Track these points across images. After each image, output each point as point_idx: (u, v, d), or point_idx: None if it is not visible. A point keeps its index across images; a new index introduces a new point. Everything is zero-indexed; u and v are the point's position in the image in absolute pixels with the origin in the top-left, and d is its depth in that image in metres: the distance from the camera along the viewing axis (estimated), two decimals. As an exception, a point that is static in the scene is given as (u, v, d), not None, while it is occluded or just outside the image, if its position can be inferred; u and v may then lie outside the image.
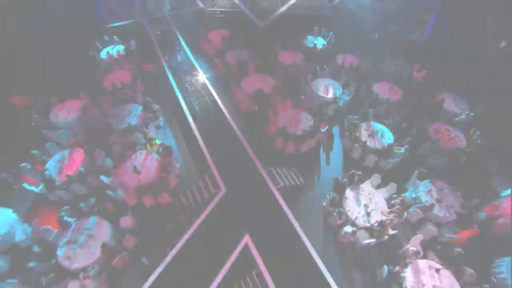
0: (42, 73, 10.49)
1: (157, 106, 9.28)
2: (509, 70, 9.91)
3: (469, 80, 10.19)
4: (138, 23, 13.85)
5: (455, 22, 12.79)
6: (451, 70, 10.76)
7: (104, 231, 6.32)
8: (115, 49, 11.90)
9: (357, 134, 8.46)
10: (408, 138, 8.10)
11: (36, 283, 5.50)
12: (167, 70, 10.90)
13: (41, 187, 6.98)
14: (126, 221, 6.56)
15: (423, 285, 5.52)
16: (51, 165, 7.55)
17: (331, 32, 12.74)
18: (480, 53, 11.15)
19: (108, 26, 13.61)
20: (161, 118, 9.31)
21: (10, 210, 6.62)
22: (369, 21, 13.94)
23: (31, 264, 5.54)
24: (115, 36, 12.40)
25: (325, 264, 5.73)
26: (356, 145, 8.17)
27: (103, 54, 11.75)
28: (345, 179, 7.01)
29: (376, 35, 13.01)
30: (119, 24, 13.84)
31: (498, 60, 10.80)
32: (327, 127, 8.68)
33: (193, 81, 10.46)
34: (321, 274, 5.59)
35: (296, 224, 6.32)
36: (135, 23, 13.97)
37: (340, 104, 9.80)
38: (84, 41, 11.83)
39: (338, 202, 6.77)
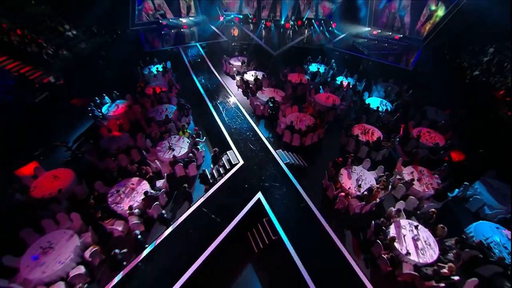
0: (101, 82, 13.35)
1: (189, 105, 11.46)
2: (479, 91, 11.97)
3: (447, 96, 12.14)
4: (174, 50, 17.00)
5: (436, 56, 15.41)
6: (432, 90, 12.82)
7: (144, 188, 7.88)
8: (155, 67, 14.76)
9: (352, 132, 10.18)
10: (394, 135, 9.76)
11: (92, 217, 7.00)
12: (197, 83, 13.35)
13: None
14: (161, 183, 8.17)
15: (404, 235, 6.67)
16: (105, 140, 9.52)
17: (333, 60, 15.38)
18: (456, 78, 13.36)
19: (150, 51, 16.81)
20: (191, 115, 11.45)
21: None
22: (366, 53, 16.73)
23: (90, 201, 7.12)
24: (155, 58, 15.42)
25: (323, 216, 7.00)
26: (350, 139, 9.86)
27: (145, 71, 14.59)
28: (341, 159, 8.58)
29: (370, 63, 15.54)
30: (159, 49, 17.08)
31: (472, 84, 12.90)
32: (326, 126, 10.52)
33: (218, 91, 12.77)
34: (319, 221, 6.84)
35: (300, 189, 7.72)
36: (172, 49, 17.17)
37: (338, 112, 11.77)
38: (132, 61, 14.76)
39: (334, 176, 8.23)
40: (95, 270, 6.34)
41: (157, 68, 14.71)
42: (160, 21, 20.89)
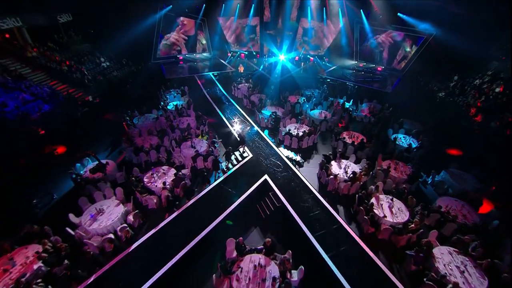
0: (128, 101, 15.93)
1: (206, 117, 13.84)
2: (446, 108, 14.49)
3: (421, 112, 14.61)
4: (191, 77, 20.11)
5: (412, 82, 18.35)
6: (409, 107, 15.34)
7: (172, 173, 9.77)
8: (174, 91, 17.58)
9: (340, 137, 12.34)
10: (374, 139, 11.90)
11: (132, 192, 8.80)
12: (211, 102, 15.97)
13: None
14: (185, 171, 10.07)
15: (381, 204, 8.36)
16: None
17: (325, 85, 18.27)
18: (428, 99, 16.01)
19: (170, 78, 19.90)
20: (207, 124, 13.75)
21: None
22: (354, 81, 19.77)
23: (131, 178, 8.99)
24: (174, 84, 18.38)
25: (318, 191, 8.77)
26: (339, 141, 11.97)
27: (167, 93, 17.37)
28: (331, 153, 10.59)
29: (356, 87, 18.41)
30: (177, 77, 20.20)
31: (441, 103, 15.48)
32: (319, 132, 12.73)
33: (229, 108, 15.29)
34: (316, 196, 8.59)
35: (300, 174, 9.59)
36: (188, 77, 20.29)
37: (329, 123, 14.10)
38: (155, 85, 17.66)
39: (325, 165, 10.16)
40: (136, 229, 7.98)
41: (177, 91, 17.54)
42: (177, 55, 24.56)
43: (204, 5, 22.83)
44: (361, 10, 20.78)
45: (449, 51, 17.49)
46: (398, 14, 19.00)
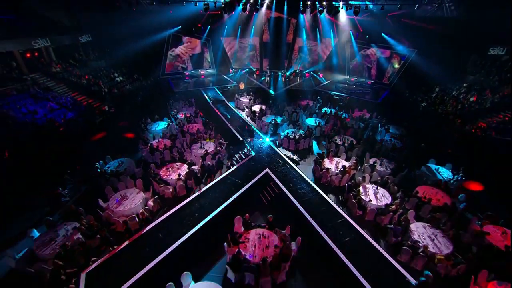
0: (139, 111, 17.54)
1: (212, 123, 15.38)
2: (428, 116, 16.19)
3: (405, 119, 16.26)
4: (197, 90, 21.92)
5: (399, 94, 20.22)
6: (395, 115, 17.01)
7: (184, 168, 11.10)
8: (182, 102, 19.30)
9: (333, 140, 13.83)
10: (363, 141, 13.40)
11: (151, 183, 10.09)
12: (217, 111, 17.61)
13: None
14: (196, 167, 11.42)
15: (367, 191, 9.66)
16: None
17: (318, 97, 20.08)
18: (412, 107, 17.76)
19: (178, 91, 21.68)
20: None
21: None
22: (345, 93, 21.61)
23: (150, 171, 10.32)
24: (182, 95, 20.12)
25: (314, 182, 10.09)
26: (332, 143, 13.45)
27: (175, 103, 19.06)
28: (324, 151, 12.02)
29: (347, 98, 20.22)
30: (185, 90, 22.00)
31: (423, 112, 17.20)
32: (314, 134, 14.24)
33: (233, 116, 16.90)
34: (310, 183, 9.90)
35: (297, 168, 10.95)
36: (195, 90, 22.10)
37: (323, 129, 15.65)
38: (163, 97, 19.39)
39: (320, 162, 11.55)
40: (154, 213, 9.20)
41: (184, 102, 19.25)
42: (184, 71, 26.59)
43: (209, 26, 25.23)
44: (350, 32, 23.16)
45: (430, 67, 19.49)
46: (382, 34, 21.28)
